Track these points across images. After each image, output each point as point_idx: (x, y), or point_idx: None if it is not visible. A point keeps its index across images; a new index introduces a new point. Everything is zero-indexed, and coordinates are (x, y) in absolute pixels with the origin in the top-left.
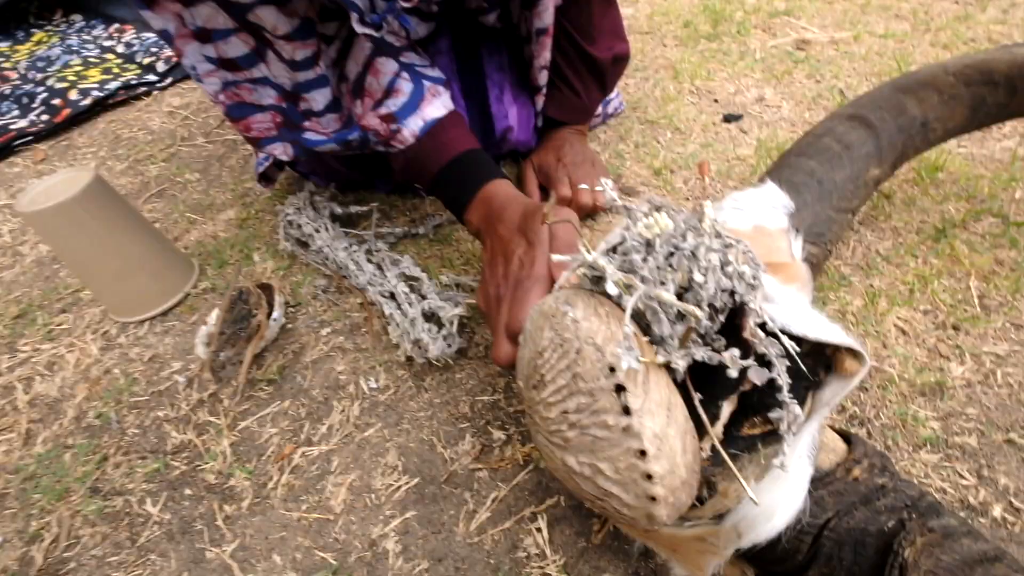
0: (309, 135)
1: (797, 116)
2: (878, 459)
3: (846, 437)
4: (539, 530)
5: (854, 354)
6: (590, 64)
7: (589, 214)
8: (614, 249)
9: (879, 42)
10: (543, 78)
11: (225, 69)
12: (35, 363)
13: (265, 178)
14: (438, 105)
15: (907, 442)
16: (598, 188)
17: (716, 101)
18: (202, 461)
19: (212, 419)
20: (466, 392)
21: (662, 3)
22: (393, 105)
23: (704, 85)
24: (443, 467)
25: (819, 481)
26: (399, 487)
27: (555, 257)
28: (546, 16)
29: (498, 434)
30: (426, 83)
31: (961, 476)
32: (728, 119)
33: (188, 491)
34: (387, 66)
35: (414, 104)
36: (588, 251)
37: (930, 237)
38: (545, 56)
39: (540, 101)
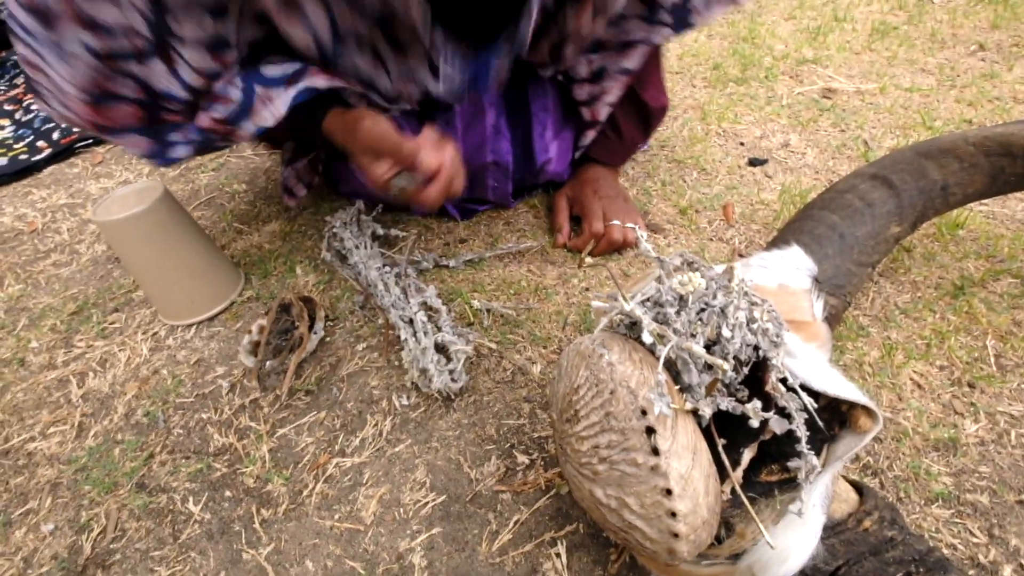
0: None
1: (821, 164)
2: (888, 512)
3: (859, 488)
4: (558, 555)
5: (868, 412)
6: (641, 110)
7: (618, 249)
8: (649, 300)
9: (904, 95)
10: (604, 114)
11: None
12: (89, 359)
13: (287, 191)
14: (266, 115)
15: (919, 496)
16: (629, 225)
17: (742, 144)
18: (242, 465)
19: (252, 424)
20: (493, 415)
21: (692, 44)
22: (224, 111)
23: (731, 128)
24: (468, 487)
25: (831, 529)
26: (426, 503)
27: (595, 303)
28: (635, 57)
29: (522, 458)
30: (258, 89)
31: (972, 534)
32: (753, 163)
33: (228, 493)
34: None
35: (245, 112)
36: (626, 300)
37: (948, 293)
38: (616, 93)
39: (590, 136)
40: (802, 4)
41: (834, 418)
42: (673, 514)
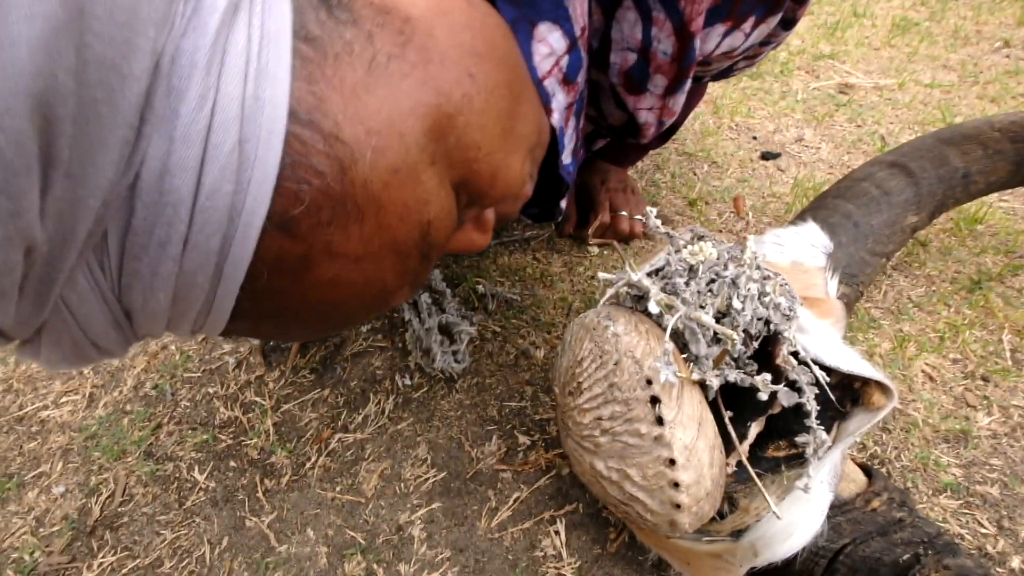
0: None
1: (835, 159)
2: (897, 494)
3: (867, 471)
4: (557, 533)
5: (882, 389)
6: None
7: (624, 240)
8: (657, 272)
9: (924, 91)
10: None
11: None
12: None
13: None
14: None
15: (927, 486)
16: (637, 217)
17: (755, 138)
18: (247, 437)
19: (258, 399)
20: (495, 397)
21: None
22: None
23: (744, 122)
24: (469, 465)
25: (838, 508)
26: (427, 479)
27: (601, 275)
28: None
29: (523, 439)
30: None
31: (980, 524)
32: (766, 156)
33: (232, 463)
34: None
35: None
36: (633, 271)
37: (964, 288)
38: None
39: (601, 143)
40: (820, 0)
41: (846, 395)
42: (676, 484)
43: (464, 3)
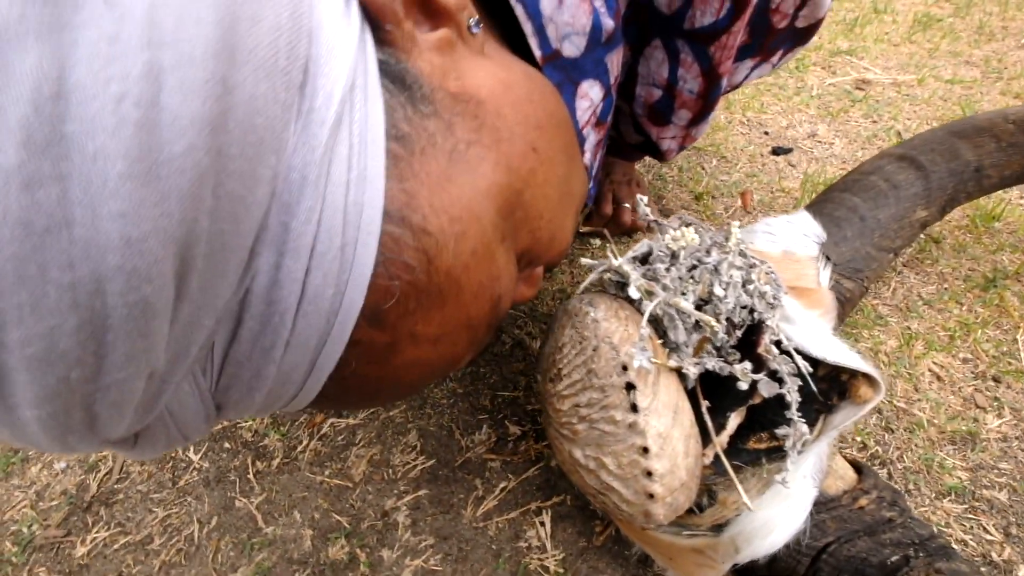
0: None
1: (849, 154)
2: (888, 493)
3: (858, 468)
4: (543, 524)
5: (870, 382)
6: None
7: (627, 232)
8: (640, 259)
9: (945, 87)
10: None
11: None
12: None
13: None
14: None
15: (930, 489)
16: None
17: (767, 133)
18: (242, 419)
19: None
20: (488, 386)
21: None
22: None
23: (756, 117)
24: (458, 453)
25: (822, 505)
26: (415, 466)
27: (584, 261)
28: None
29: (514, 429)
30: None
31: (986, 530)
32: (777, 152)
33: (227, 444)
34: None
35: None
36: (615, 256)
37: (978, 286)
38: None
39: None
40: None
41: (832, 388)
42: (649, 473)
43: (523, 75)
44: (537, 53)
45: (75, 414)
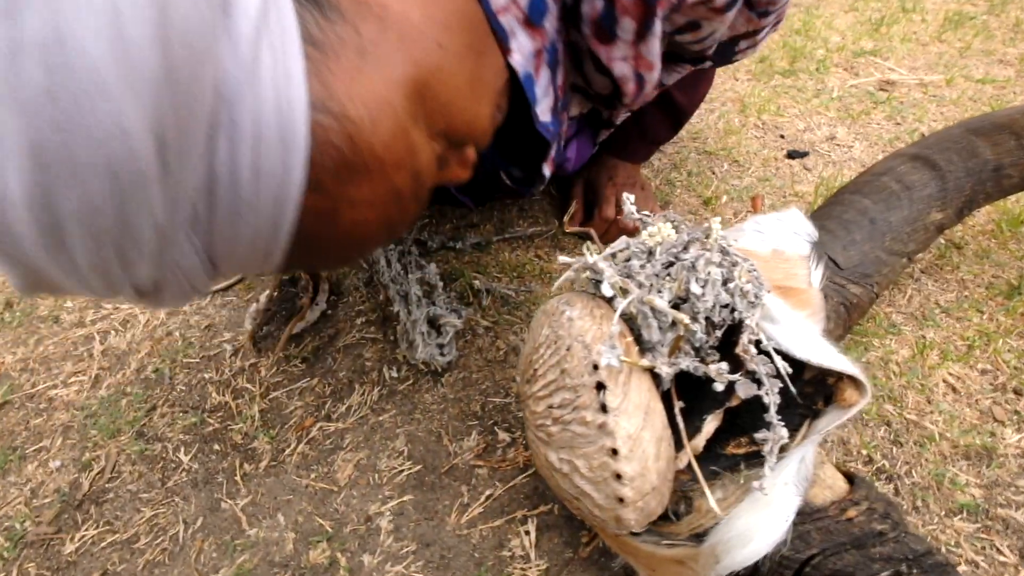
0: None
1: (869, 157)
2: (881, 505)
3: (851, 478)
4: (527, 533)
5: (856, 385)
6: (671, 110)
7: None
8: (617, 256)
9: (975, 87)
10: (622, 117)
11: None
12: (113, 319)
13: None
14: None
15: (940, 506)
16: (644, 213)
17: (782, 137)
18: (233, 422)
19: (248, 386)
20: (480, 392)
21: None
22: None
23: (772, 120)
24: (446, 459)
25: (807, 515)
26: (402, 471)
27: (561, 258)
28: (672, 76)
29: (503, 435)
30: None
31: (999, 551)
32: (792, 155)
33: (216, 446)
34: None
35: None
36: (591, 253)
37: (1001, 293)
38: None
39: (605, 134)
40: None
41: (818, 392)
42: (619, 476)
43: None
44: None
45: (109, 256)
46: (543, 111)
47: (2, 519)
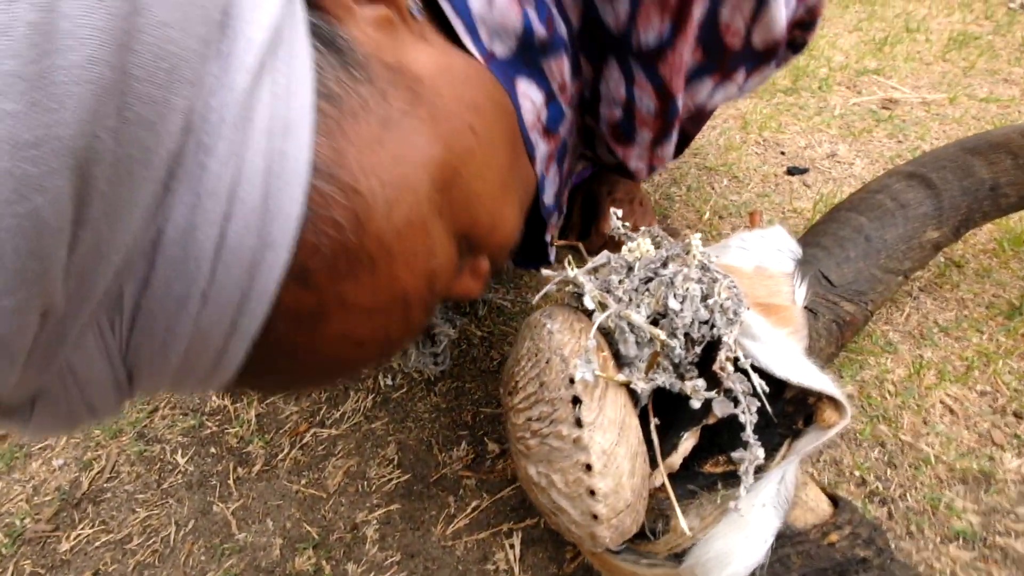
0: None
1: (870, 175)
2: (866, 530)
3: (836, 501)
4: (512, 547)
5: (835, 405)
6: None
7: None
8: (598, 271)
9: (979, 106)
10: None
11: None
12: None
13: None
14: None
15: (935, 532)
16: (627, 228)
17: (783, 153)
18: (230, 425)
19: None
20: (472, 402)
21: None
22: None
23: (773, 137)
24: (435, 469)
25: (787, 538)
26: (391, 480)
27: (544, 272)
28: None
29: (493, 446)
30: None
31: None
32: (792, 172)
33: (213, 449)
34: None
35: None
36: (572, 267)
37: (1002, 313)
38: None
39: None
40: (871, 16)
41: (799, 412)
42: (592, 492)
43: (463, 61)
44: (474, 51)
45: None
46: (548, 197)
47: (4, 515)
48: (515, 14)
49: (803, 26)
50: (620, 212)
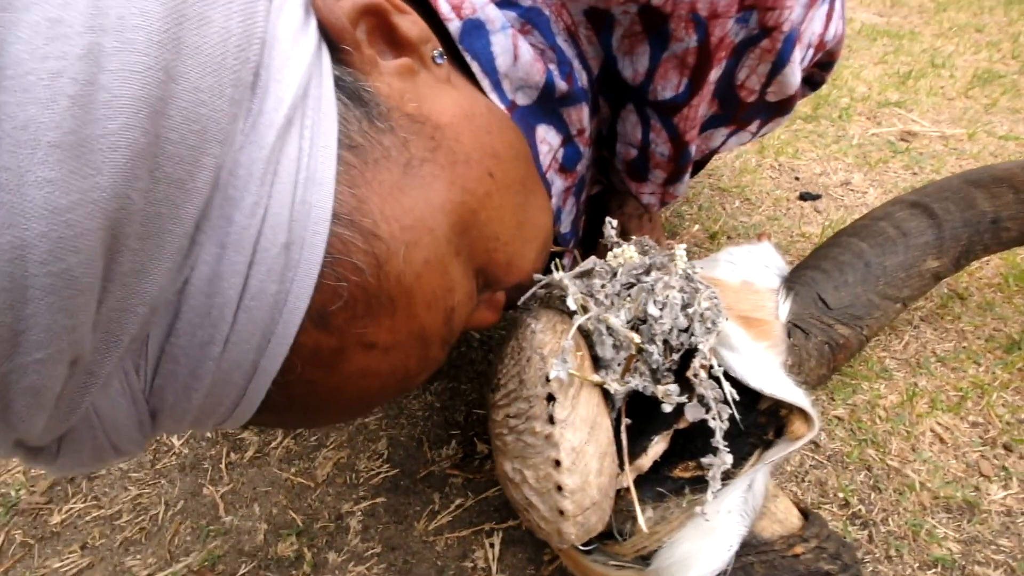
0: None
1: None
2: (833, 545)
3: (806, 515)
4: (492, 546)
5: (805, 418)
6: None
7: None
8: (584, 275)
9: (997, 143)
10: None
11: None
12: None
13: None
14: None
15: (914, 557)
16: (617, 237)
17: (797, 179)
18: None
19: None
20: (465, 403)
21: None
22: None
23: (788, 162)
24: (423, 465)
25: (752, 547)
26: (379, 473)
27: (535, 276)
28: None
29: (482, 447)
30: None
31: None
32: (804, 197)
33: (208, 434)
34: None
35: None
36: (559, 270)
37: (1001, 347)
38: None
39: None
40: (897, 50)
41: (771, 423)
42: (560, 488)
43: (485, 107)
44: (498, 103)
45: None
46: (564, 226)
47: (0, 486)
48: (539, 72)
49: (822, 66)
50: (615, 222)
